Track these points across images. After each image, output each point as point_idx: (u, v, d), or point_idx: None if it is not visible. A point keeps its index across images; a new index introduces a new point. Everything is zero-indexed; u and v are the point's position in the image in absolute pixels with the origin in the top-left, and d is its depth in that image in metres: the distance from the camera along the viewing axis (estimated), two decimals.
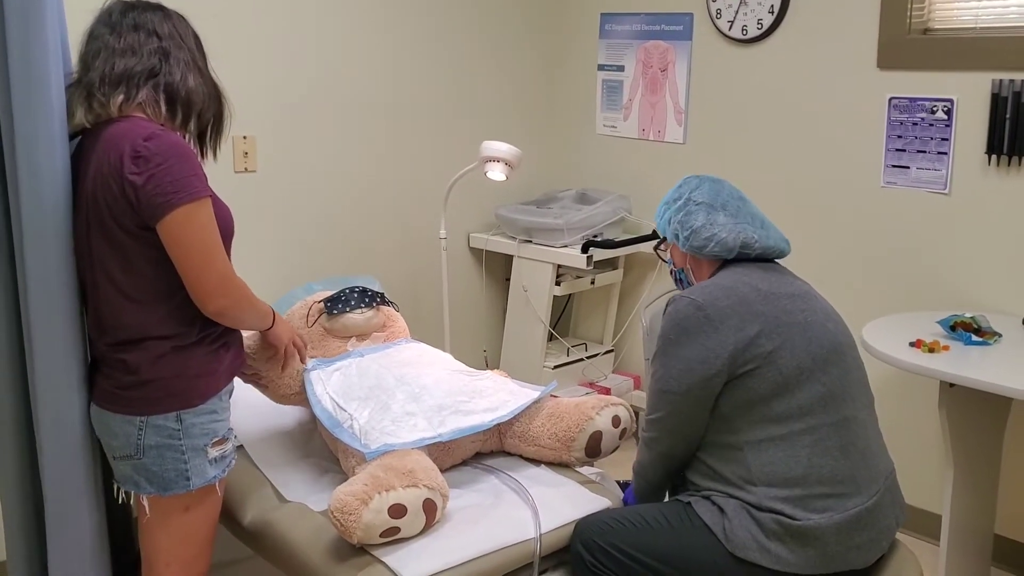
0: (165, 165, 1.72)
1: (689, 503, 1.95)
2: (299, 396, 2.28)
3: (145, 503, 1.86)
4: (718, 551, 1.86)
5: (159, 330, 1.80)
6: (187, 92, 1.84)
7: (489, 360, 3.93)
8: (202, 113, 1.89)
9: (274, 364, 2.23)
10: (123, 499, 1.90)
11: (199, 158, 1.88)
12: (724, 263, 2.05)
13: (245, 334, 2.11)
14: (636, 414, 2.38)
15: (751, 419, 1.88)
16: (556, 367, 3.68)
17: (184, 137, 1.88)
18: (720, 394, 1.90)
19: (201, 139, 1.93)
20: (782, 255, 2.09)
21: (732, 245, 2.02)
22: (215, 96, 1.92)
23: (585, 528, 1.99)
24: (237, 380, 2.15)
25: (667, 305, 1.99)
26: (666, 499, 2.15)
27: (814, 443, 1.85)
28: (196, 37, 1.91)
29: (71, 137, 1.84)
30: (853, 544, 1.84)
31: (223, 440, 1.90)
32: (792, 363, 1.87)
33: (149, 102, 1.81)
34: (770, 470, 1.85)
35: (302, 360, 2.26)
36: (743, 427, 1.88)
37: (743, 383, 1.87)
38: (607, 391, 3.69)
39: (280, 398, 2.27)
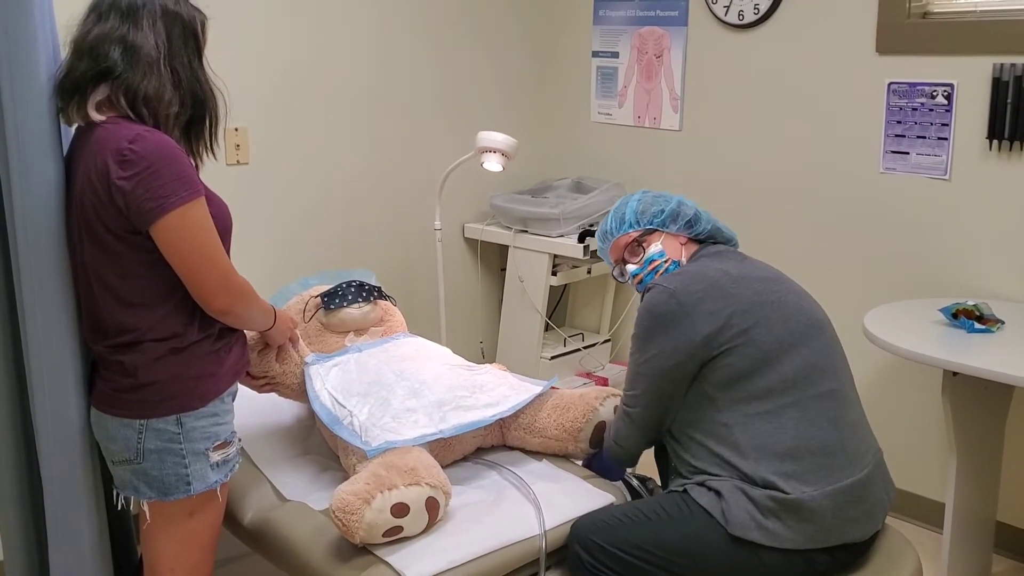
0: (153, 168, 1.65)
1: (685, 490, 1.95)
2: (304, 388, 2.24)
3: (145, 509, 1.82)
4: (718, 534, 1.86)
5: (156, 332, 1.75)
6: (146, 94, 1.70)
7: (485, 351, 3.90)
8: (176, 114, 1.76)
9: (269, 359, 2.18)
10: (122, 506, 1.85)
11: (191, 159, 1.80)
12: (697, 251, 2.14)
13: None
14: None
15: (735, 396, 1.91)
16: (553, 358, 3.66)
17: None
18: (703, 375, 1.94)
19: (187, 139, 1.82)
20: (736, 241, 2.23)
21: (707, 224, 2.17)
22: (198, 96, 1.79)
23: (582, 527, 1.97)
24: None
25: (643, 294, 2.07)
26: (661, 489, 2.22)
27: (800, 414, 1.88)
28: (187, 31, 1.78)
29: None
30: (849, 517, 1.85)
31: (225, 444, 1.85)
32: (769, 338, 1.91)
33: (109, 105, 1.71)
34: (759, 443, 1.87)
35: (294, 346, 2.22)
36: (728, 405, 1.91)
37: (722, 362, 1.91)
38: (605, 381, 3.68)
39: (287, 390, 2.24)
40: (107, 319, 1.76)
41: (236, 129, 3.01)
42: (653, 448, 2.20)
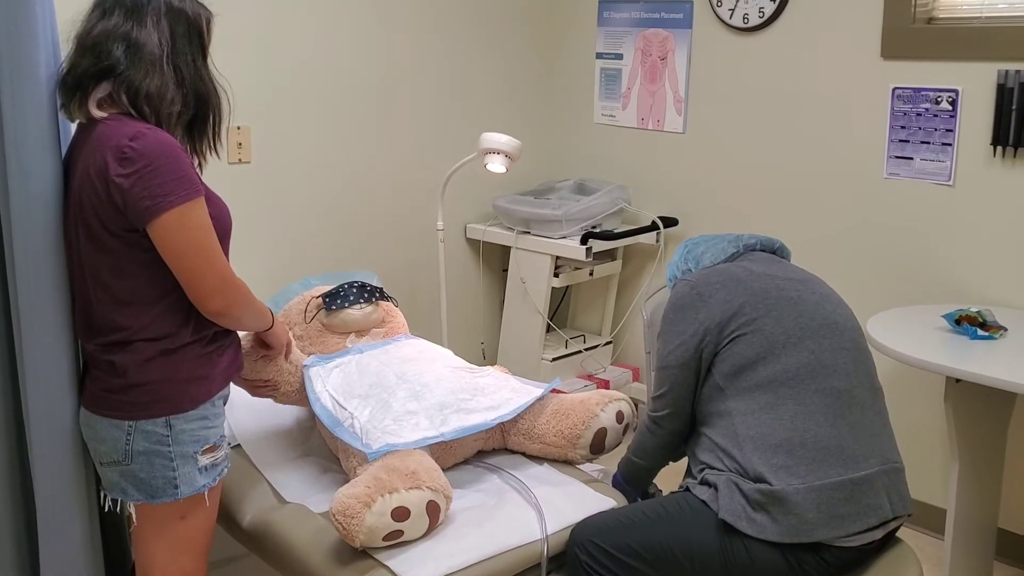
0: (153, 166, 1.63)
1: (687, 488, 1.97)
2: (300, 394, 2.23)
3: (132, 511, 1.80)
4: (715, 526, 1.88)
5: (148, 332, 1.73)
6: (148, 92, 1.69)
7: (486, 352, 3.90)
8: (178, 113, 1.74)
9: (264, 364, 2.17)
10: (109, 507, 1.84)
11: (192, 159, 1.79)
12: (733, 253, 2.18)
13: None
14: (636, 407, 2.37)
15: (740, 386, 1.94)
16: (555, 359, 3.65)
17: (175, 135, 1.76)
18: (714, 365, 1.98)
19: (190, 137, 1.81)
20: (783, 249, 2.23)
21: (727, 244, 2.18)
22: (201, 94, 1.78)
23: (582, 530, 1.97)
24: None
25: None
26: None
27: (798, 407, 1.90)
28: (191, 28, 1.77)
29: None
30: (835, 514, 1.84)
31: (214, 447, 1.82)
32: (777, 329, 1.95)
33: (111, 102, 1.70)
34: (756, 433, 1.90)
35: (286, 357, 2.20)
36: (734, 394, 1.95)
37: (730, 349, 1.96)
38: (606, 383, 3.67)
39: (283, 396, 2.23)
40: (100, 317, 1.74)
41: (238, 128, 3.00)
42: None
